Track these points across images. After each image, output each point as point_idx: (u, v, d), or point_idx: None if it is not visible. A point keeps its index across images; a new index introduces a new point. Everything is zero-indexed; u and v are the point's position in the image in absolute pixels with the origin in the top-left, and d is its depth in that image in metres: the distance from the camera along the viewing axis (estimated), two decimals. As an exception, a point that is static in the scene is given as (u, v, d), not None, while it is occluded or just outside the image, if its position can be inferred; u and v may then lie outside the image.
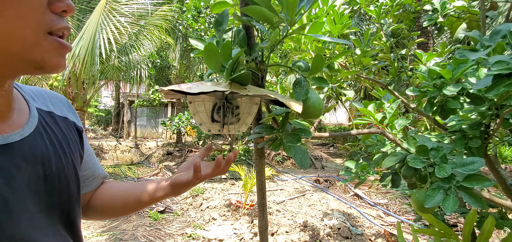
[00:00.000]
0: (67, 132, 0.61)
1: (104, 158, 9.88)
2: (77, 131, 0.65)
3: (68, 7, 0.47)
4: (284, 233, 3.62)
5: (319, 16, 1.25)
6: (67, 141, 0.59)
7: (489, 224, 0.90)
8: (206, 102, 0.91)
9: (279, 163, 8.41)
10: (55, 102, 0.64)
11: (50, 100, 0.63)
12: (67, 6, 0.46)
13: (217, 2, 0.95)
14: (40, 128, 0.54)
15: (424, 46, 3.90)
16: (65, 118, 0.62)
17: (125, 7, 5.93)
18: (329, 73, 1.30)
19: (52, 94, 0.65)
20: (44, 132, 0.55)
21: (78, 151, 0.63)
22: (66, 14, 0.48)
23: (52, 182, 0.52)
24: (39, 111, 0.57)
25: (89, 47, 5.02)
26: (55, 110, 0.61)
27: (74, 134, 0.63)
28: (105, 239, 3.40)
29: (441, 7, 1.54)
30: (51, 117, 0.59)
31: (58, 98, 0.66)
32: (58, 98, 0.66)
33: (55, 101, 0.64)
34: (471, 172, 0.78)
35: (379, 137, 1.37)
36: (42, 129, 0.55)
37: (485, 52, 0.82)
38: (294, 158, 0.88)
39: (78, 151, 0.62)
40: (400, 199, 4.67)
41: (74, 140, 0.62)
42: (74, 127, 0.64)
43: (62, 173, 0.55)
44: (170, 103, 13.03)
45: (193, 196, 5.07)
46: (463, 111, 1.03)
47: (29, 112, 0.54)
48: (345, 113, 16.51)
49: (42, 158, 0.51)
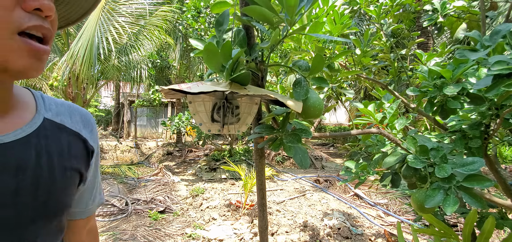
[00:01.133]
0: (72, 147, 0.58)
1: (104, 158, 9.88)
2: (87, 149, 0.62)
3: (43, 6, 0.43)
4: (284, 233, 3.62)
5: (319, 16, 1.25)
6: (62, 155, 0.55)
7: (489, 224, 0.90)
8: (206, 102, 0.91)
9: (279, 163, 8.42)
10: (75, 116, 0.61)
11: (70, 115, 0.60)
12: (40, 4, 0.42)
13: (217, 2, 0.95)
14: (33, 138, 0.51)
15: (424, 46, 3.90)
16: (76, 133, 0.60)
17: (124, 7, 5.93)
18: (329, 73, 1.31)
19: (76, 109, 0.63)
20: (37, 142, 0.51)
21: (76, 168, 0.58)
22: (43, 13, 0.44)
23: (26, 196, 0.48)
24: (47, 121, 0.55)
25: (88, 48, 5.03)
26: (69, 125, 0.59)
27: (81, 150, 0.60)
28: (105, 239, 3.39)
29: (441, 7, 1.54)
30: (58, 129, 0.56)
31: (80, 113, 0.63)
32: (80, 114, 0.63)
33: (75, 116, 0.61)
34: (471, 172, 0.78)
35: (379, 137, 1.37)
36: (36, 138, 0.51)
37: (485, 52, 0.82)
38: (294, 158, 0.88)
39: (76, 169, 0.58)
40: (400, 199, 4.67)
41: (77, 156, 0.59)
42: (84, 144, 0.61)
43: (42, 188, 0.50)
44: (170, 103, 13.04)
45: (193, 196, 5.07)
46: (463, 111, 1.03)
47: (30, 121, 0.52)
48: (345, 113, 16.51)
49: (17, 168, 0.47)
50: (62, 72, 6.05)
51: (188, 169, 7.68)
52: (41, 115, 0.55)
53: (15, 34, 0.41)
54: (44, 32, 0.45)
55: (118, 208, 4.30)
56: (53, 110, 0.58)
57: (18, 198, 0.47)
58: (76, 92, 6.51)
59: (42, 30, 0.45)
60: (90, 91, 6.99)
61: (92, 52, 5.07)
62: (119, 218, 4.08)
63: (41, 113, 0.55)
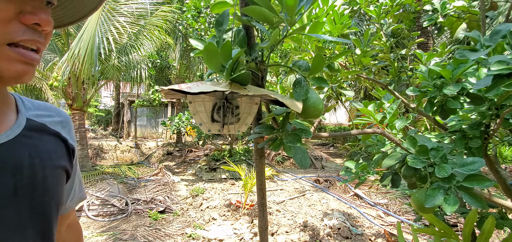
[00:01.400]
0: (54, 146, 0.58)
1: (104, 158, 9.88)
2: (68, 148, 0.63)
3: (42, 21, 0.44)
4: (284, 233, 3.62)
5: (319, 16, 1.25)
6: (50, 155, 0.56)
7: (489, 224, 0.90)
8: (206, 102, 0.91)
9: (279, 163, 8.42)
10: (54, 116, 0.62)
11: (47, 113, 0.61)
12: (40, 19, 0.44)
13: (217, 2, 0.95)
14: (22, 138, 0.52)
15: (424, 46, 3.90)
16: (56, 133, 0.60)
17: (125, 7, 5.93)
18: (329, 73, 1.31)
19: (52, 108, 0.64)
20: (27, 142, 0.52)
21: (62, 166, 0.59)
22: (40, 27, 0.45)
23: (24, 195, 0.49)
24: (29, 121, 0.55)
25: (89, 48, 5.03)
26: (49, 125, 0.59)
27: (63, 149, 0.61)
28: (105, 239, 3.40)
29: (441, 7, 1.54)
30: (41, 129, 0.57)
31: (59, 113, 0.64)
32: (58, 114, 0.64)
33: (54, 116, 0.62)
34: (471, 172, 0.78)
35: (379, 137, 1.37)
36: (25, 138, 0.52)
37: (485, 52, 0.82)
38: (294, 158, 0.88)
39: (62, 166, 0.59)
40: (400, 199, 4.66)
41: (61, 155, 0.60)
42: (64, 143, 0.62)
43: (38, 186, 0.51)
44: (170, 103, 13.04)
45: (193, 196, 5.07)
46: (463, 111, 1.03)
47: (16, 122, 0.53)
48: (345, 113, 16.51)
49: (14, 168, 0.48)
50: (62, 72, 6.05)
51: (188, 169, 7.68)
52: (23, 116, 0.55)
53: (3, 45, 0.43)
54: (38, 46, 0.46)
55: (118, 208, 4.30)
56: (32, 111, 0.58)
57: (17, 198, 0.48)
58: (76, 92, 6.51)
59: (36, 44, 0.46)
60: (90, 91, 6.98)
61: (93, 52, 5.08)
62: (119, 218, 4.08)
63: (23, 114, 0.55)
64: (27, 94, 8.95)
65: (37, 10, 0.44)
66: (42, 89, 8.55)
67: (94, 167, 7.35)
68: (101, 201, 4.52)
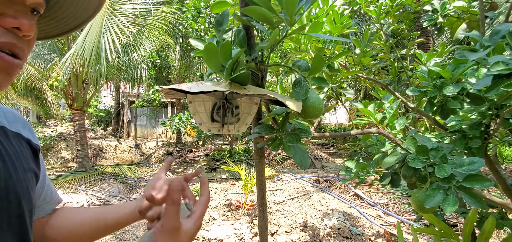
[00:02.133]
0: (20, 149, 0.57)
1: (104, 158, 9.88)
2: (32, 148, 0.61)
3: (23, 25, 0.42)
4: (284, 233, 3.62)
5: (319, 16, 1.25)
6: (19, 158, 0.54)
7: (489, 224, 0.90)
8: (206, 102, 0.91)
9: (279, 163, 8.42)
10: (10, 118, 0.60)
11: (5, 116, 0.59)
12: (21, 24, 0.42)
13: (217, 2, 0.95)
14: None
15: (424, 46, 3.90)
16: (18, 134, 0.58)
17: (125, 7, 5.93)
18: (329, 73, 1.31)
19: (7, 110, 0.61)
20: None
21: (31, 169, 0.57)
22: (21, 32, 0.43)
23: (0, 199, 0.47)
24: None
25: (94, 49, 5.04)
26: (8, 126, 0.57)
27: (28, 151, 0.59)
28: (105, 239, 3.40)
29: (441, 8, 1.54)
30: (3, 132, 0.55)
31: (14, 114, 0.62)
32: (13, 115, 0.62)
33: (10, 117, 0.60)
34: (471, 172, 0.78)
35: (379, 137, 1.37)
36: None
37: (485, 52, 0.82)
38: (294, 158, 0.88)
39: (31, 169, 0.57)
40: (400, 199, 4.67)
41: (28, 157, 0.58)
42: (28, 144, 0.60)
43: (12, 190, 0.49)
44: (170, 103, 13.03)
45: (193, 196, 5.07)
46: (463, 111, 1.03)
47: None
48: (345, 113, 16.50)
49: None
50: (63, 72, 6.05)
51: (188, 169, 7.68)
52: None
53: None
54: (16, 51, 0.44)
55: (118, 208, 4.30)
56: None
57: None
58: (76, 92, 6.51)
59: (14, 49, 0.43)
60: (90, 91, 6.99)
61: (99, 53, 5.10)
62: None
63: None
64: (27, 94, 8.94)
65: (19, 14, 0.42)
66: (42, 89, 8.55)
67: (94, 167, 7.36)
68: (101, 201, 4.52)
